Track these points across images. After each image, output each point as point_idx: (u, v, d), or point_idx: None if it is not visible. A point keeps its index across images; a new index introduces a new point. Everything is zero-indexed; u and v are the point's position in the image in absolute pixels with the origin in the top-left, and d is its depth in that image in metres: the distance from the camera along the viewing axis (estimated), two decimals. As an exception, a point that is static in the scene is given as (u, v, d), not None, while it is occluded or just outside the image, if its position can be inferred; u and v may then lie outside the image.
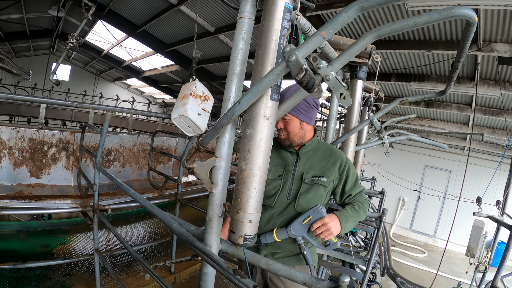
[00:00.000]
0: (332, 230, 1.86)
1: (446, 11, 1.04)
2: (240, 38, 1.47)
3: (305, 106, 2.05)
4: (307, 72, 1.06)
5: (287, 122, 2.06)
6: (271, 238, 1.98)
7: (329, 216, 1.90)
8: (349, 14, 1.09)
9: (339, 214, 1.93)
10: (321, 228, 1.86)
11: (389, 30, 1.14)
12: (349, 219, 1.94)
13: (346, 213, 1.96)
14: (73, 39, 6.13)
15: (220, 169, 1.48)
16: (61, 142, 5.06)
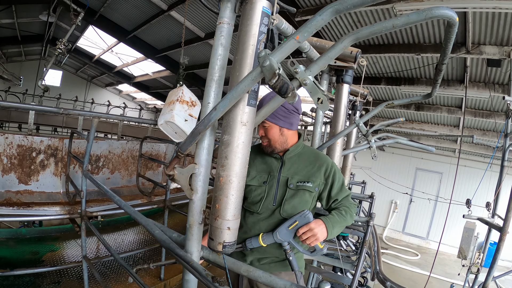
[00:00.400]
0: (318, 235, 1.84)
1: (425, 12, 1.03)
2: (219, 44, 1.46)
3: (283, 112, 2.02)
4: (280, 77, 1.04)
5: (267, 129, 2.04)
6: (256, 242, 1.95)
7: (315, 221, 1.88)
8: (324, 17, 1.08)
9: (325, 219, 1.91)
10: (307, 233, 1.84)
11: (367, 32, 1.13)
12: (335, 224, 1.92)
13: (333, 219, 1.94)
14: (62, 45, 6.11)
15: (200, 175, 1.47)
16: (49, 148, 5.03)
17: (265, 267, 2.09)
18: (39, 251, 4.87)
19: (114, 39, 12.98)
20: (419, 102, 9.79)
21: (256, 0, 1.38)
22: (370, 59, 7.92)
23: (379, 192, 14.59)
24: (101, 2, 10.13)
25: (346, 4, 1.05)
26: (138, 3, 9.52)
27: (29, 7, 10.65)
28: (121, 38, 12.11)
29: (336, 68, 2.91)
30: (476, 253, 6.44)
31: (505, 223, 4.67)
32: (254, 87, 1.38)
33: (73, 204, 4.70)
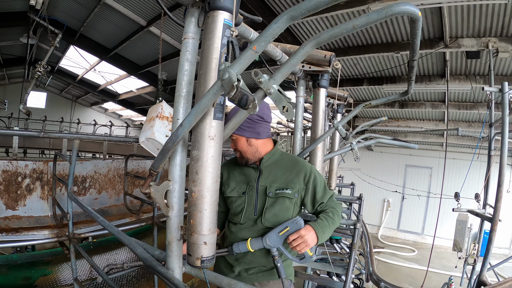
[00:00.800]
0: (309, 242, 1.83)
1: (385, 9, 1.03)
2: (185, 59, 1.47)
3: (247, 123, 2.01)
4: (239, 89, 1.04)
5: (235, 141, 2.05)
6: (244, 247, 1.93)
7: (306, 228, 1.86)
8: (279, 25, 1.08)
9: (314, 225, 1.89)
10: (297, 240, 1.83)
11: (328, 36, 1.14)
12: (325, 229, 1.91)
13: (322, 224, 1.92)
14: (41, 67, 6.07)
15: (174, 192, 1.46)
16: (34, 172, 4.98)
17: (252, 277, 2.09)
18: (31, 276, 4.78)
19: (96, 58, 12.91)
20: (403, 99, 9.87)
21: (217, 13, 1.38)
22: (351, 60, 7.98)
23: (371, 192, 14.68)
24: (81, 21, 10.07)
25: (301, 9, 1.05)
26: (118, 20, 9.49)
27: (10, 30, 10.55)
28: (102, 57, 12.06)
29: (311, 73, 2.92)
30: (471, 244, 6.47)
31: (495, 213, 4.72)
32: (219, 101, 1.38)
33: (61, 227, 4.65)
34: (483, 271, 4.65)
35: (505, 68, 6.95)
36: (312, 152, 2.96)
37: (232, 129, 1.57)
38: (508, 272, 9.82)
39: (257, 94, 1.27)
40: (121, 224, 4.91)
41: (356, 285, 5.07)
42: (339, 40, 7.22)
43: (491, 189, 5.49)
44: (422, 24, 6.06)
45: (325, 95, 3.01)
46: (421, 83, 8.04)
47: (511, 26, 5.58)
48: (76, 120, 16.23)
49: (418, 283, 8.60)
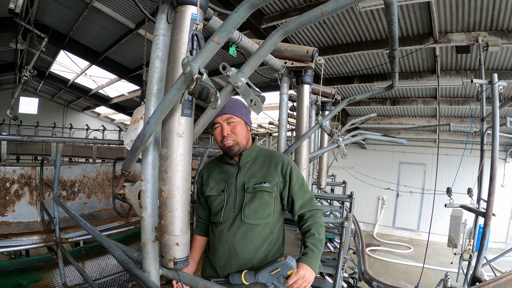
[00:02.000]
0: (310, 279, 1.76)
1: None
2: (156, 57, 1.43)
3: (244, 109, 2.05)
4: (198, 82, 1.00)
5: (234, 125, 2.01)
6: (239, 279, 1.85)
7: (301, 267, 1.76)
8: (240, 14, 1.04)
9: (308, 261, 1.79)
10: (298, 282, 1.74)
11: (296, 24, 1.10)
12: (318, 258, 1.84)
13: (314, 255, 1.82)
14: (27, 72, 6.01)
15: (147, 192, 1.43)
16: (22, 177, 4.92)
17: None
18: (22, 283, 4.74)
19: (86, 62, 12.88)
20: (394, 96, 9.87)
21: (185, 8, 1.34)
22: (340, 58, 7.96)
23: (365, 190, 14.69)
24: (70, 25, 10.04)
25: (261, -3, 1.01)
26: (106, 24, 9.46)
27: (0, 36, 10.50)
28: (93, 61, 12.03)
29: (295, 70, 2.88)
30: (466, 240, 6.45)
31: (488, 208, 4.68)
32: (187, 97, 1.34)
33: (50, 232, 4.59)
34: (478, 267, 4.62)
35: (496, 62, 6.95)
36: (297, 150, 2.91)
37: (202, 126, 1.52)
38: (505, 266, 9.84)
39: (225, 88, 1.23)
40: (110, 228, 4.85)
41: (350, 284, 5.02)
42: (328, 38, 7.20)
43: (485, 183, 5.47)
44: (411, 20, 6.10)
45: (309, 92, 2.96)
46: (412, 79, 8.03)
47: (500, 19, 5.58)
48: (69, 125, 16.15)
49: (414, 280, 8.59)
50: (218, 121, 2.00)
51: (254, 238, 1.93)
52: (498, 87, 4.57)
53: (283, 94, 2.96)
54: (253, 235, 1.93)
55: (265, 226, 1.97)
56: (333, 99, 4.64)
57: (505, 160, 12.61)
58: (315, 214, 2.01)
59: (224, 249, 1.96)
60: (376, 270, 10.24)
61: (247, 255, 1.92)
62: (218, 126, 2.01)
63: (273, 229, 2.01)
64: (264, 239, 1.96)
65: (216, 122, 2.01)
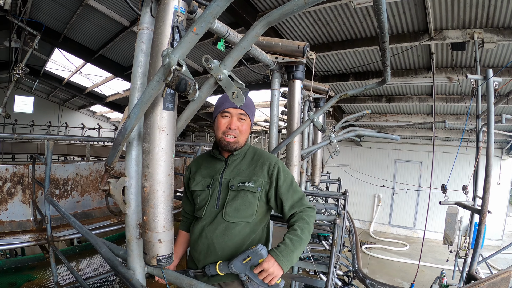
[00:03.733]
0: (275, 273, 1.72)
1: None
2: (139, 51, 1.41)
3: (254, 109, 2.06)
4: (175, 73, 0.97)
5: (244, 123, 1.99)
6: (214, 270, 1.84)
7: (267, 260, 1.73)
8: (219, 4, 1.00)
9: (276, 255, 1.75)
10: (262, 274, 1.72)
11: (279, 14, 1.08)
12: (290, 254, 1.77)
13: (285, 250, 1.77)
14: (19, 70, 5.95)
15: (131, 188, 1.40)
16: (15, 176, 4.88)
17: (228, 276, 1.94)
18: (16, 282, 4.73)
19: (81, 60, 12.81)
20: (390, 94, 9.86)
21: (168, 1, 1.33)
22: (335, 56, 7.94)
23: (361, 188, 14.70)
24: (64, 23, 9.95)
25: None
26: (100, 21, 9.39)
27: (-5, 34, 10.43)
28: (87, 59, 11.93)
29: (286, 65, 2.85)
30: (462, 237, 6.45)
31: (483, 205, 4.66)
32: (170, 90, 1.30)
33: (42, 230, 4.56)
34: (473, 265, 4.61)
35: (491, 59, 6.94)
36: (288, 147, 2.88)
37: (186, 120, 1.49)
38: (501, 263, 9.86)
39: (208, 81, 1.21)
40: (103, 226, 4.83)
41: (345, 282, 5.00)
42: (323, 35, 7.17)
43: (480, 181, 5.46)
44: (406, 17, 6.08)
45: (301, 87, 2.93)
46: (407, 76, 8.01)
47: (496, 16, 5.55)
48: (64, 124, 16.10)
49: (410, 277, 8.57)
50: (230, 112, 1.95)
51: (234, 236, 1.90)
52: (493, 83, 4.55)
53: (274, 90, 2.93)
54: (233, 234, 1.90)
55: (246, 225, 1.94)
56: (327, 95, 4.61)
57: (501, 157, 12.62)
58: (304, 211, 1.95)
59: (203, 244, 1.93)
60: (372, 267, 10.24)
61: (225, 252, 1.89)
62: (227, 116, 1.96)
63: (254, 229, 1.97)
64: (244, 238, 1.92)
65: (227, 111, 1.95)
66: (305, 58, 2.67)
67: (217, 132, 1.99)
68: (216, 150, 2.06)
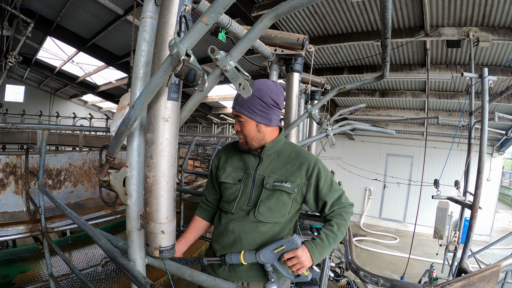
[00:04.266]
0: (305, 263, 1.68)
1: None
2: (142, 39, 1.38)
3: (261, 106, 1.83)
4: (185, 63, 0.96)
5: (243, 124, 1.87)
6: (237, 259, 1.77)
7: (302, 248, 1.70)
8: (229, -7, 0.99)
9: (311, 247, 1.72)
10: (292, 260, 1.68)
11: (288, 7, 1.07)
12: (323, 250, 1.75)
13: (320, 245, 1.75)
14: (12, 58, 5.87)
15: (132, 178, 1.39)
16: (7, 166, 4.82)
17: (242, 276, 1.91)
18: (9, 274, 4.68)
19: (73, 49, 12.68)
20: (383, 88, 9.89)
21: (174, -11, 1.30)
22: (330, 49, 7.93)
23: (353, 181, 14.79)
24: (57, 11, 9.81)
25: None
26: (94, 9, 9.27)
27: (-15, 22, 10.27)
28: (80, 47, 11.79)
29: (285, 57, 2.85)
30: (452, 231, 6.52)
31: (474, 200, 4.72)
32: (174, 80, 1.30)
33: (36, 221, 4.52)
34: (464, 259, 4.67)
35: (486, 58, 6.98)
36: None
37: (190, 110, 1.48)
38: (489, 258, 10.01)
39: (214, 72, 1.20)
40: (96, 217, 4.80)
41: (337, 273, 5.04)
42: (319, 28, 7.16)
43: (471, 177, 5.52)
44: (402, 12, 6.09)
45: (299, 80, 2.93)
46: (402, 72, 8.04)
47: (492, 15, 5.58)
48: (55, 114, 15.95)
49: (400, 270, 8.67)
50: (232, 113, 1.90)
51: (263, 234, 1.85)
52: (488, 82, 4.59)
53: (273, 82, 2.93)
54: (262, 231, 1.85)
55: (276, 224, 1.88)
56: (323, 88, 4.62)
57: (492, 154, 12.79)
58: (343, 208, 1.90)
59: (229, 239, 1.88)
60: (362, 260, 10.35)
61: (252, 248, 1.83)
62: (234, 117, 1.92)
63: (284, 228, 1.92)
64: (273, 236, 1.86)
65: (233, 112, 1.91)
66: (304, 51, 2.67)
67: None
68: None
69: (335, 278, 4.92)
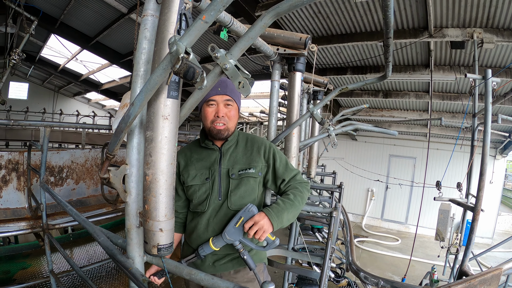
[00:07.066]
0: (265, 227, 1.75)
1: None
2: (143, 37, 1.39)
3: (239, 94, 2.03)
4: (184, 61, 0.96)
5: (231, 109, 1.98)
6: (208, 248, 1.86)
7: (259, 214, 1.79)
8: (230, -10, 0.99)
9: (267, 210, 1.81)
10: (253, 228, 1.75)
11: (288, 6, 1.07)
12: (280, 213, 1.82)
13: (276, 208, 1.84)
14: (16, 55, 5.89)
15: (132, 176, 1.39)
16: (10, 163, 4.84)
17: (227, 266, 2.02)
18: (10, 270, 4.74)
19: (77, 47, 12.68)
20: (387, 89, 9.87)
21: (175, -14, 1.30)
22: (334, 49, 7.92)
23: (355, 182, 14.76)
24: (61, 9, 9.84)
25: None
26: (98, 7, 9.29)
27: (-11, 20, 10.29)
28: (84, 45, 11.81)
29: (287, 57, 2.84)
30: (453, 234, 6.50)
31: (477, 202, 4.69)
32: (174, 78, 1.30)
33: (38, 218, 4.54)
34: (465, 261, 4.65)
35: (490, 59, 6.95)
36: (287, 138, 2.88)
37: (189, 109, 1.48)
38: (491, 261, 9.96)
39: (214, 70, 1.20)
40: (98, 214, 4.81)
41: (338, 274, 5.05)
42: (322, 28, 7.14)
43: (474, 179, 5.49)
44: (406, 13, 6.07)
45: (301, 79, 2.93)
46: (405, 72, 8.02)
47: (496, 17, 5.55)
48: (59, 111, 15.98)
49: (401, 271, 8.66)
50: (215, 99, 1.94)
51: None
52: (492, 83, 4.56)
53: (275, 81, 2.93)
54: None
55: None
56: (325, 88, 4.61)
57: (495, 157, 12.73)
58: (299, 183, 2.03)
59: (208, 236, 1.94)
60: (363, 261, 10.32)
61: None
62: (213, 104, 1.95)
63: None
64: None
65: (212, 100, 1.94)
66: (306, 51, 2.67)
67: (206, 122, 1.98)
68: (208, 141, 2.04)
69: (336, 279, 4.93)
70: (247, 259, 1.87)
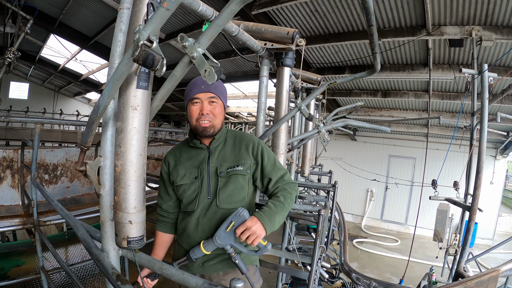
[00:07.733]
0: (258, 232, 1.71)
1: None
2: (119, 30, 1.39)
3: (224, 90, 2.02)
4: (142, 48, 0.94)
5: (216, 106, 1.96)
6: (199, 252, 1.83)
7: (251, 219, 1.75)
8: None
9: (259, 215, 1.77)
10: (245, 233, 1.71)
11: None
12: (272, 217, 1.79)
13: (268, 212, 1.80)
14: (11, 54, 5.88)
15: (105, 168, 1.38)
16: (4, 160, 4.86)
17: (217, 267, 2.00)
18: (4, 267, 4.78)
19: (76, 47, 12.71)
20: (385, 89, 9.82)
21: (147, -23, 1.28)
22: (332, 48, 7.89)
23: (354, 182, 14.72)
24: (60, 9, 9.84)
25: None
26: (97, 7, 9.28)
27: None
28: (83, 45, 11.82)
29: (275, 52, 2.82)
30: (452, 234, 6.46)
31: (473, 201, 4.64)
32: (143, 68, 1.28)
33: (30, 215, 4.55)
34: (461, 263, 4.62)
35: (489, 57, 6.90)
36: (275, 134, 2.86)
37: (161, 100, 1.46)
38: (491, 262, 9.91)
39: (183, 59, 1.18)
40: (91, 212, 4.84)
41: (332, 275, 5.00)
42: (320, 27, 7.12)
43: (472, 178, 5.44)
44: (404, 11, 6.03)
45: (290, 74, 2.90)
46: (404, 71, 7.98)
47: (495, 14, 5.51)
48: (59, 111, 16.00)
49: (400, 272, 8.62)
50: (199, 97, 1.92)
51: None
52: (488, 78, 4.51)
53: (263, 76, 2.91)
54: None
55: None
56: (319, 85, 4.58)
57: (495, 157, 12.65)
58: (287, 185, 2.01)
59: (201, 238, 1.91)
60: (362, 262, 10.29)
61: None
62: (197, 102, 1.93)
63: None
64: None
65: (196, 98, 1.92)
66: (294, 45, 2.65)
67: (191, 121, 1.97)
68: (196, 140, 2.03)
69: (330, 279, 4.88)
70: (239, 263, 1.84)
